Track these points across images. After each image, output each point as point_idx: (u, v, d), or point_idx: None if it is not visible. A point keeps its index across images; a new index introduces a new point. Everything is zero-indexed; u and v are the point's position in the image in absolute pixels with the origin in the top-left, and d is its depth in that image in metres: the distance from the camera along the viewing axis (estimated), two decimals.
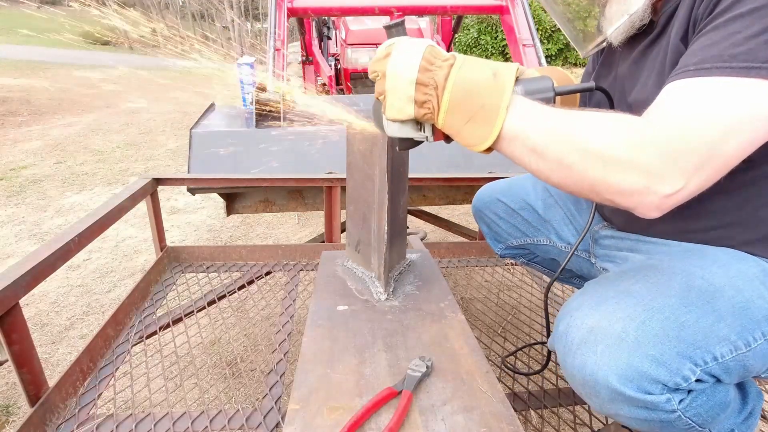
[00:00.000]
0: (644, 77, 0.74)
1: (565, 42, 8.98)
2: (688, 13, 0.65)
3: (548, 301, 0.93)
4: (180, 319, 1.24)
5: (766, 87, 0.52)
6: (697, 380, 0.60)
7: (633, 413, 0.61)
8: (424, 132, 0.67)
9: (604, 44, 0.79)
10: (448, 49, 3.44)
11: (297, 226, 2.88)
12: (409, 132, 0.67)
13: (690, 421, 0.63)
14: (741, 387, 0.76)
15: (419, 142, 0.71)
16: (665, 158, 0.54)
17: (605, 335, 0.60)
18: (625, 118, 0.58)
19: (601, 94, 0.75)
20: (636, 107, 0.75)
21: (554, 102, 0.67)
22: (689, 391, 0.62)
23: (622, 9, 0.72)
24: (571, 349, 0.64)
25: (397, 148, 0.74)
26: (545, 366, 1.01)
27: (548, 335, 0.95)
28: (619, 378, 0.59)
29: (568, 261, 0.89)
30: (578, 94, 0.90)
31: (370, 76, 0.68)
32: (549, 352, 0.98)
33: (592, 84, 0.73)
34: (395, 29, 0.69)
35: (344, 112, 0.91)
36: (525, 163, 0.62)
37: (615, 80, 0.84)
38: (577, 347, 0.63)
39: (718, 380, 0.63)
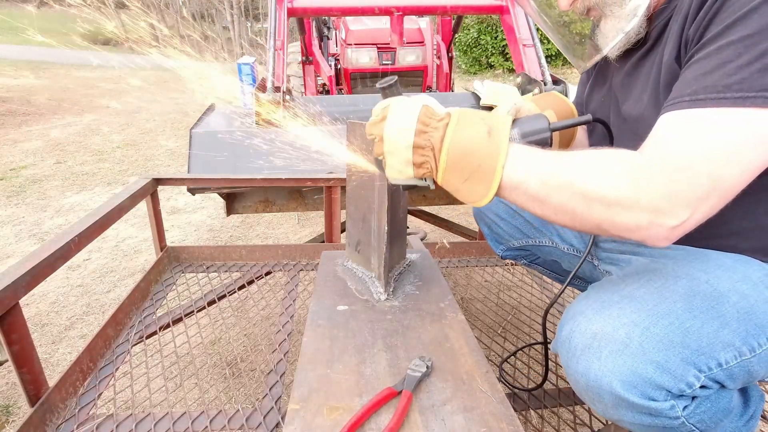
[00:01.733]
0: (638, 91, 0.74)
1: None
2: (679, 31, 0.64)
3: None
4: (180, 319, 1.24)
5: (762, 114, 0.52)
6: (702, 387, 0.60)
7: (636, 419, 0.61)
8: (425, 181, 0.69)
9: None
10: (448, 49, 3.43)
11: (297, 226, 2.87)
12: (411, 182, 0.70)
13: (693, 428, 0.63)
14: (743, 390, 0.75)
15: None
16: (667, 194, 0.54)
17: (609, 341, 0.60)
18: (622, 157, 0.58)
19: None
20: (629, 120, 0.76)
21: (551, 140, 0.69)
22: (693, 398, 0.61)
23: (618, 27, 0.72)
24: (574, 355, 0.63)
25: (401, 188, 0.79)
26: (543, 381, 1.01)
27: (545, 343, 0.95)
28: (623, 384, 0.59)
29: (577, 269, 0.90)
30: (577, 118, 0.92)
31: (368, 138, 0.70)
32: (546, 361, 0.98)
33: (589, 117, 0.74)
34: (389, 90, 0.71)
35: (356, 157, 0.93)
36: (528, 208, 0.63)
37: (609, 91, 0.84)
38: (581, 353, 0.63)
39: (723, 386, 0.63)
